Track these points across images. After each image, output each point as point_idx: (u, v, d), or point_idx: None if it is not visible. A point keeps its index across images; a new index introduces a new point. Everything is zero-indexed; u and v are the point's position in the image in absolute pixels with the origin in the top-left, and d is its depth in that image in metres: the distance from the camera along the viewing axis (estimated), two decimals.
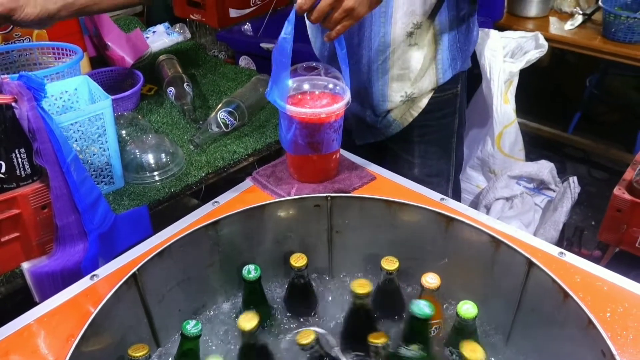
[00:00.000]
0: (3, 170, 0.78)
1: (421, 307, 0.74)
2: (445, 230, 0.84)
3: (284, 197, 0.94)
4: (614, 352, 0.61)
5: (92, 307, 0.72)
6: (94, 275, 0.79)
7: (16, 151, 0.79)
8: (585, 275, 0.76)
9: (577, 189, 1.93)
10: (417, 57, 1.18)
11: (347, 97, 0.97)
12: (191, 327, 0.76)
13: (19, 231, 0.83)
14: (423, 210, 0.85)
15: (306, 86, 1.00)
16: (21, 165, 0.80)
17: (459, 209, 0.88)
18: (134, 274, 0.76)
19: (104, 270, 0.80)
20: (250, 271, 0.84)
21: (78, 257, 0.83)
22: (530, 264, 0.73)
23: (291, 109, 0.94)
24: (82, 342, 0.68)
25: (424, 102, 1.25)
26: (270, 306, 0.91)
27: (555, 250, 0.79)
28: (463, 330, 0.78)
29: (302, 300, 0.93)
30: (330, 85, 1.00)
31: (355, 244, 0.94)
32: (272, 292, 0.96)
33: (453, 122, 1.34)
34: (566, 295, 0.68)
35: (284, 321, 0.91)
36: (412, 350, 0.77)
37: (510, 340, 0.83)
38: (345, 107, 0.97)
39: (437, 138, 1.34)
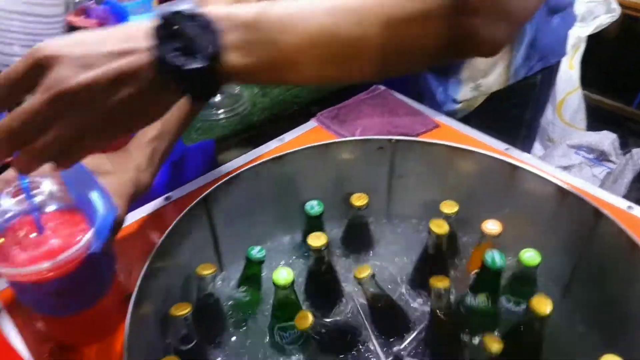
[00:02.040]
0: None
1: (494, 258, 0.73)
2: (509, 178, 0.84)
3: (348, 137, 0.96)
4: None
5: (165, 225, 0.76)
6: (167, 196, 0.84)
7: None
8: None
9: None
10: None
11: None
12: (256, 252, 0.80)
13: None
14: (487, 157, 0.85)
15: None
16: None
17: (524, 159, 0.87)
18: (204, 197, 0.80)
19: (176, 193, 0.84)
20: (314, 206, 0.87)
21: None
22: (598, 214, 0.73)
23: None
24: (156, 257, 0.72)
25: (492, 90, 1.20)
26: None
27: (624, 203, 0.78)
28: (523, 279, 0.78)
29: (360, 240, 0.95)
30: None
31: (414, 190, 0.95)
32: (328, 232, 0.98)
33: (524, 113, 1.27)
34: (634, 246, 0.68)
35: (342, 260, 0.94)
36: (480, 300, 0.78)
37: (568, 294, 0.84)
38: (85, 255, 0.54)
39: (503, 127, 1.28)
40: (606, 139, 2.03)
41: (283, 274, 0.72)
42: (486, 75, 1.15)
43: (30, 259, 0.51)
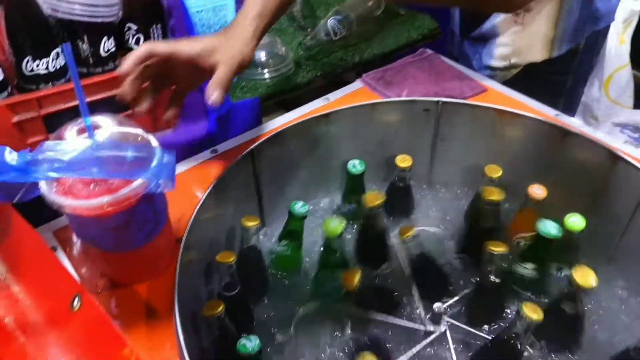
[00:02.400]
0: (141, 42, 0.84)
1: (547, 227, 0.72)
2: (557, 144, 0.83)
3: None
4: None
5: (211, 177, 0.78)
6: (214, 149, 0.85)
7: (154, 26, 0.84)
8: None
9: None
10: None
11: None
12: (299, 207, 0.81)
13: None
14: (537, 121, 0.84)
15: None
16: (156, 40, 0.85)
17: (574, 125, 0.86)
18: (251, 150, 0.81)
19: (222, 147, 0.86)
20: (356, 165, 0.87)
21: (199, 134, 0.89)
22: None
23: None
24: (204, 205, 0.74)
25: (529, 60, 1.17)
26: None
27: None
28: (566, 245, 0.77)
29: (401, 202, 0.95)
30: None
31: (458, 154, 0.95)
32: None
33: (565, 80, 1.23)
34: None
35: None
36: (528, 268, 0.78)
37: (613, 261, 0.83)
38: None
39: (543, 94, 1.25)
40: None
41: (334, 223, 0.74)
42: (527, 47, 1.13)
43: (92, 193, 0.53)
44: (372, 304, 0.77)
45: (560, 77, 1.20)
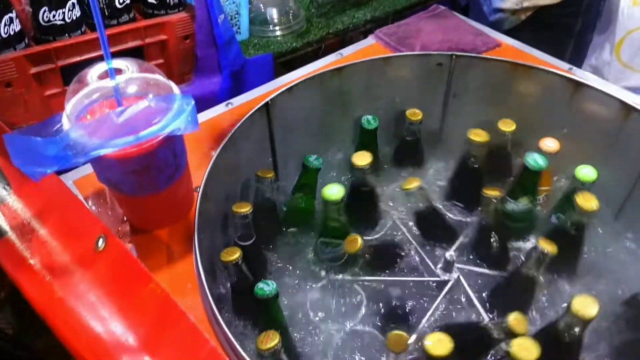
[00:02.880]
0: None
1: (535, 159, 0.74)
2: (570, 97, 0.83)
3: None
4: None
5: (226, 129, 0.78)
6: (229, 103, 0.86)
7: None
8: None
9: None
10: None
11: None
12: (313, 159, 0.82)
13: (164, 58, 0.90)
14: (550, 74, 0.84)
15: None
16: None
17: (587, 77, 0.86)
18: (266, 103, 0.82)
19: (238, 100, 0.87)
20: (370, 120, 0.88)
21: (213, 88, 0.90)
22: None
23: None
24: (220, 155, 0.75)
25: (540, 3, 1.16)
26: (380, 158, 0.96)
27: None
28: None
29: (412, 157, 0.96)
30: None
31: (470, 110, 0.95)
32: (380, 149, 1.00)
33: (574, 24, 1.23)
34: None
35: (392, 172, 0.96)
36: (522, 203, 0.80)
37: (621, 215, 0.84)
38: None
39: (551, 37, 1.25)
40: None
41: (334, 190, 0.73)
42: None
43: (115, 134, 0.55)
44: (381, 267, 0.79)
45: (569, 20, 1.20)
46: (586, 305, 0.57)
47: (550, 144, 0.80)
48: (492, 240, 0.77)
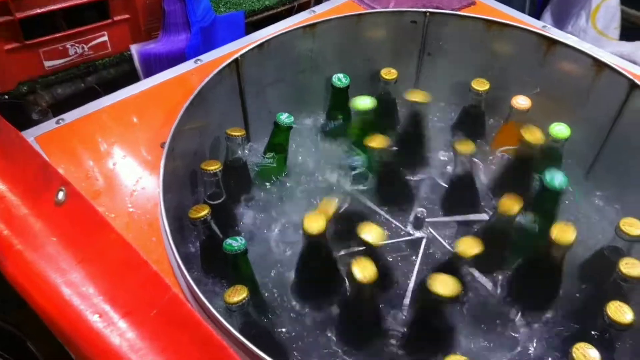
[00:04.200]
0: None
1: (554, 178, 0.67)
2: (544, 54, 0.83)
3: None
4: None
5: (195, 87, 0.76)
6: (197, 59, 0.84)
7: None
8: None
9: None
10: None
11: None
12: (285, 117, 0.80)
13: (129, 13, 0.87)
14: (524, 32, 0.83)
15: None
16: None
17: (561, 35, 0.85)
18: (236, 59, 0.80)
19: (207, 57, 0.84)
20: (340, 78, 0.86)
21: (182, 45, 0.87)
22: (633, 86, 0.72)
23: None
24: (188, 111, 0.73)
25: None
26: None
27: None
28: (549, 154, 0.78)
29: (386, 115, 0.95)
30: None
31: (444, 70, 0.94)
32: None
33: None
34: None
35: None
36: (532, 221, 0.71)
37: (591, 174, 0.84)
38: None
39: None
40: (638, 50, 1.95)
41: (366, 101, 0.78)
42: None
43: None
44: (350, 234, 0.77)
45: None
46: (565, 232, 0.59)
47: (522, 101, 0.80)
48: (462, 194, 0.77)
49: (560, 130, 0.74)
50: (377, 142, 0.75)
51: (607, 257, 0.66)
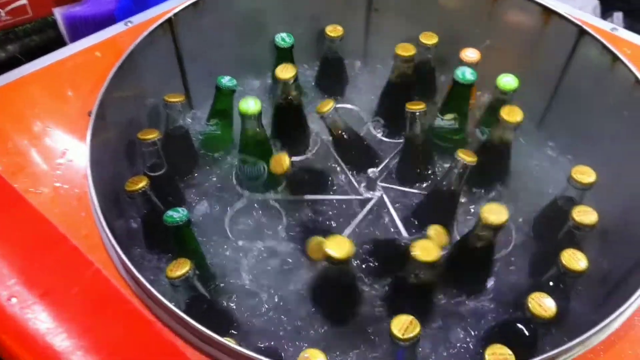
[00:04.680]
0: None
1: (464, 73, 0.72)
2: (492, 6, 0.80)
3: None
4: None
5: (127, 48, 0.71)
6: (128, 21, 0.78)
7: None
8: (637, 50, 0.72)
9: (622, 25, 1.83)
10: None
11: None
12: (226, 80, 0.75)
13: None
14: None
15: None
16: None
17: None
18: (169, 19, 0.75)
19: (138, 18, 0.78)
20: (284, 38, 0.82)
21: (111, 6, 0.81)
22: (582, 32, 0.70)
23: None
24: (115, 79, 0.67)
25: None
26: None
27: (607, 25, 0.75)
28: (499, 107, 0.76)
29: (334, 78, 0.92)
30: None
31: (393, 26, 0.91)
32: (303, 73, 0.94)
33: None
34: (615, 58, 0.66)
35: (314, 100, 0.91)
36: (448, 119, 0.77)
37: (542, 124, 0.83)
38: None
39: None
40: (588, 5, 1.97)
41: (250, 104, 0.68)
42: None
43: None
44: (304, 188, 0.74)
45: None
46: (495, 213, 0.56)
47: (471, 54, 0.77)
48: (416, 157, 0.75)
49: (507, 82, 0.72)
50: (326, 106, 0.72)
51: (560, 207, 0.65)
